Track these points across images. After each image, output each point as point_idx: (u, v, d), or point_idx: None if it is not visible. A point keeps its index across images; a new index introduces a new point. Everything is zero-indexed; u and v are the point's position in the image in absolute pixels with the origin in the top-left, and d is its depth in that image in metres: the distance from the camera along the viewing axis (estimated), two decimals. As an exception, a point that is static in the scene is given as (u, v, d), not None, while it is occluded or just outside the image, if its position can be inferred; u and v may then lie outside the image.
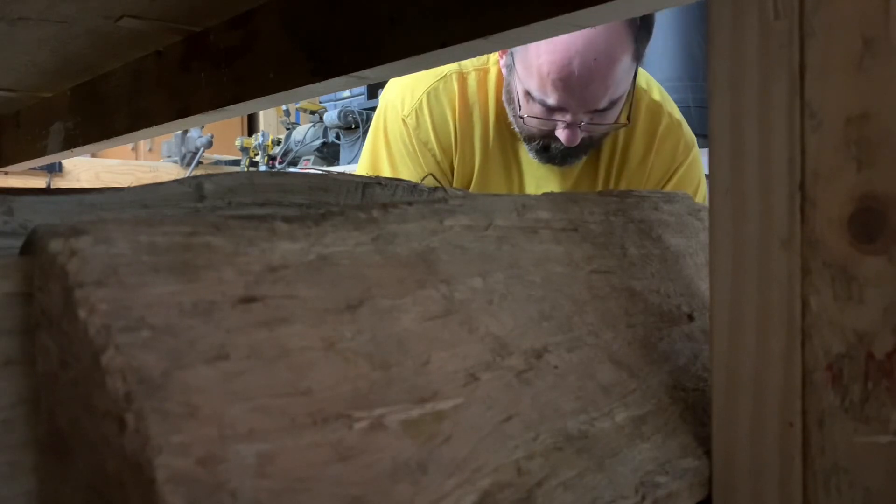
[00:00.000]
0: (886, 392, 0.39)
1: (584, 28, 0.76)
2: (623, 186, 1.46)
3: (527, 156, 1.43)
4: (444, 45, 0.79)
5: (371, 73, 0.88)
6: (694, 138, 1.49)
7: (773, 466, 0.42)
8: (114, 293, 0.30)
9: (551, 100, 1.27)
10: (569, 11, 0.68)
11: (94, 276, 0.30)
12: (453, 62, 1.22)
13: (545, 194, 0.56)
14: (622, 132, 1.43)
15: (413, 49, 0.82)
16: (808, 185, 0.41)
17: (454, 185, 1.46)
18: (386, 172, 1.46)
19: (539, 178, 1.46)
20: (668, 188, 1.45)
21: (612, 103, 1.30)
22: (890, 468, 0.39)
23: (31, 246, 0.32)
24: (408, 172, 1.44)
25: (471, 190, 1.46)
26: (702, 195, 1.47)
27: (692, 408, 0.49)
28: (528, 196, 0.54)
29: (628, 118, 1.36)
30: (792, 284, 0.42)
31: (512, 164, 1.47)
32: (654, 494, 0.42)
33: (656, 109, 1.46)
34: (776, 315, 0.42)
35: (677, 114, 1.49)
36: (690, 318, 0.56)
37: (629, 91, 1.34)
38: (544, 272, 0.49)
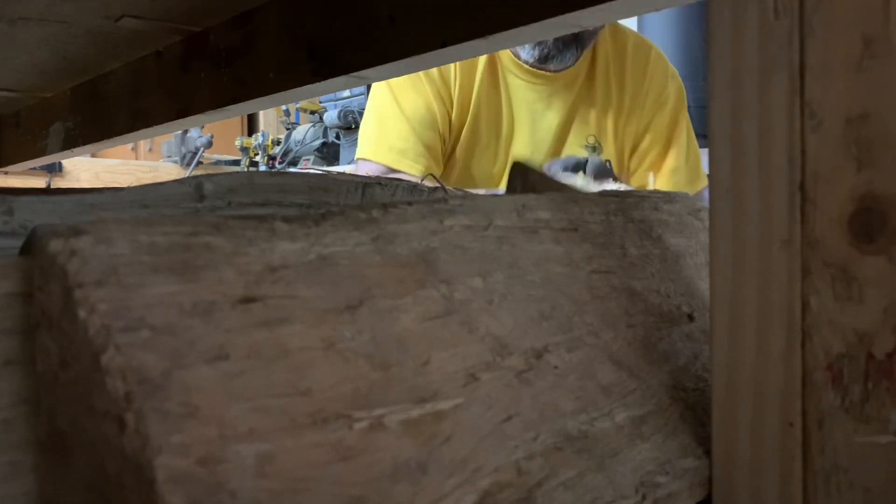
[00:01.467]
0: (886, 392, 0.39)
1: (585, 28, 0.76)
2: (627, 101, 1.55)
3: (518, 90, 1.49)
4: (444, 44, 0.79)
5: (371, 73, 0.89)
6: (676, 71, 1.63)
7: (774, 466, 0.42)
8: (114, 293, 0.30)
9: None
10: (569, 11, 0.68)
11: (94, 276, 0.30)
12: (453, 62, 1.23)
13: (546, 194, 0.56)
14: (613, 60, 1.53)
15: (413, 49, 0.82)
16: (808, 185, 0.41)
17: (453, 116, 1.53)
18: (389, 109, 1.52)
19: (535, 113, 1.50)
20: (661, 112, 1.55)
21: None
22: (890, 468, 0.39)
23: (31, 246, 0.32)
24: (409, 102, 1.49)
25: (466, 127, 1.51)
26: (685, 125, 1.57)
27: (692, 408, 0.49)
28: (528, 196, 0.53)
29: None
30: (792, 284, 0.41)
31: (502, 98, 1.53)
32: (654, 494, 0.41)
33: (642, 41, 1.57)
34: (776, 315, 0.42)
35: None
36: (690, 318, 0.56)
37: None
38: (544, 272, 0.49)
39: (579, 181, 1.26)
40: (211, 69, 1.08)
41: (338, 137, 3.83)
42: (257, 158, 4.32)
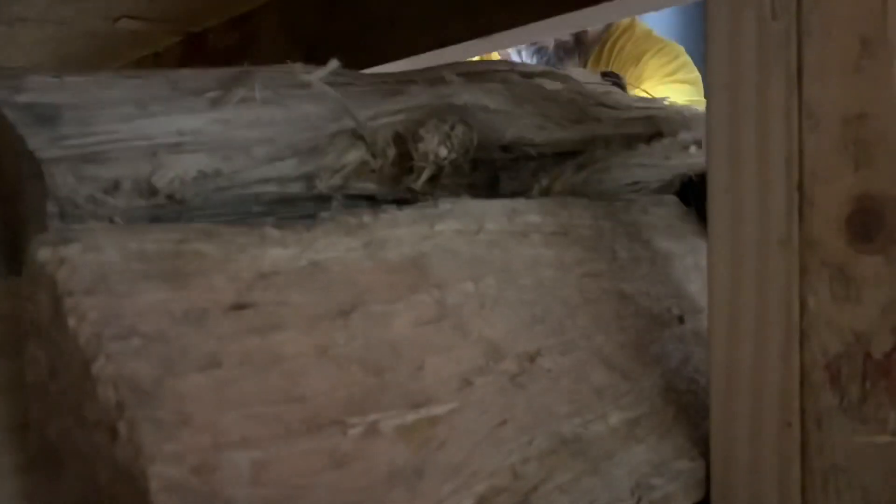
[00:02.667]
0: (884, 392, 0.39)
1: (584, 28, 0.76)
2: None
3: None
4: (443, 45, 0.79)
5: (369, 73, 0.88)
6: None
7: (772, 466, 0.42)
8: (104, 301, 0.30)
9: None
10: (568, 11, 0.68)
11: (84, 285, 0.30)
12: (451, 62, 1.24)
13: (535, 199, 0.56)
14: (606, 55, 1.49)
15: (412, 49, 0.82)
16: (805, 184, 0.41)
17: None
18: None
19: None
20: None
21: None
22: (888, 468, 0.39)
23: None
24: None
25: None
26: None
27: (685, 409, 0.49)
28: (518, 201, 0.53)
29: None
30: (790, 284, 0.41)
31: None
32: (650, 497, 0.41)
33: (631, 24, 1.51)
34: (774, 315, 0.42)
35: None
36: (681, 320, 0.56)
37: None
38: (535, 276, 0.49)
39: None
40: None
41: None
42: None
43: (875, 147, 0.39)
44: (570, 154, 0.58)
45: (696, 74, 1.48)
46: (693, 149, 0.67)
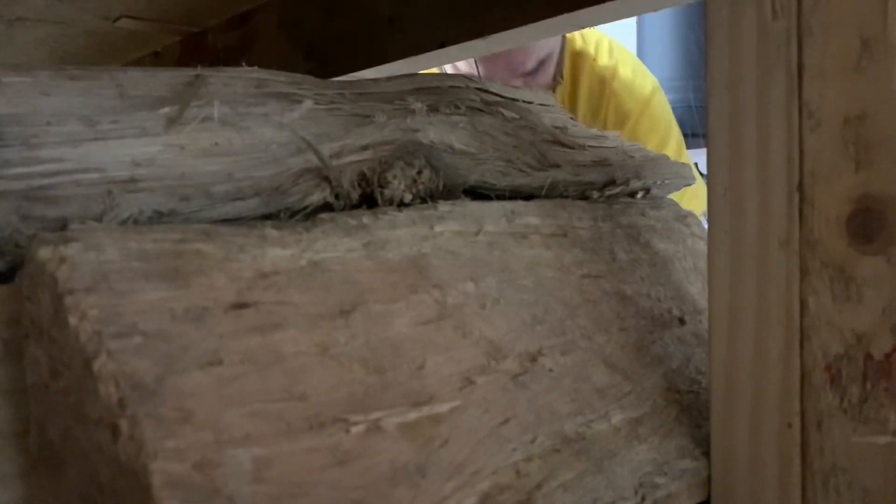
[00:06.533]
0: (885, 392, 0.39)
1: (584, 28, 0.76)
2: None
3: None
4: (442, 45, 0.79)
5: (369, 74, 0.88)
6: (652, 87, 1.45)
7: (772, 467, 0.42)
8: (104, 299, 0.30)
9: (479, 71, 1.31)
10: (568, 11, 0.68)
11: (85, 283, 0.30)
12: (452, 62, 1.23)
13: (533, 201, 0.56)
14: (565, 97, 1.44)
15: (411, 49, 0.82)
16: (806, 185, 0.41)
17: None
18: None
19: None
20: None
21: (541, 63, 1.34)
22: (888, 469, 0.39)
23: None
24: None
25: None
26: (674, 143, 1.44)
27: (687, 409, 0.49)
28: (517, 203, 0.54)
29: (561, 75, 1.40)
30: (790, 285, 0.41)
31: None
32: (654, 496, 0.41)
33: (602, 73, 1.43)
34: (775, 315, 0.42)
35: (637, 75, 1.45)
36: (681, 321, 0.56)
37: (560, 49, 1.38)
38: (535, 277, 0.49)
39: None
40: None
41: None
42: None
43: (876, 147, 0.39)
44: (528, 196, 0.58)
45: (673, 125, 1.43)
46: (640, 195, 0.69)
